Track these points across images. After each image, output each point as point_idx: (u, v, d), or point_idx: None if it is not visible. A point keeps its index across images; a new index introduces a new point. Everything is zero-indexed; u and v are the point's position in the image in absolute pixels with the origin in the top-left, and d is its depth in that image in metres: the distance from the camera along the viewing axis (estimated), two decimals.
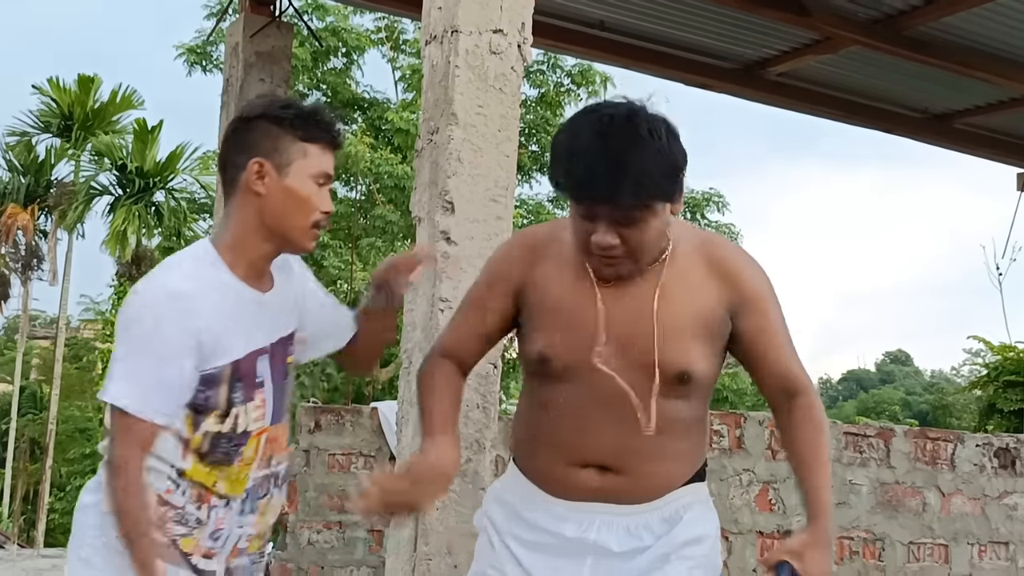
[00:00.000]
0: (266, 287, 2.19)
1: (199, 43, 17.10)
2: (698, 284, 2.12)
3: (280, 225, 2.12)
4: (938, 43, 5.88)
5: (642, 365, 2.07)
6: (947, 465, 5.26)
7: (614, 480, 2.11)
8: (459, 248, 3.09)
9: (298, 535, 5.69)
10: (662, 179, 1.96)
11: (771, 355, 2.15)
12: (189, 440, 2.07)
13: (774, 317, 2.17)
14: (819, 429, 2.15)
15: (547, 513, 2.15)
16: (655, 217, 1.99)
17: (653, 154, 1.93)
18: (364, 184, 17.62)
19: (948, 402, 31.45)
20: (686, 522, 2.13)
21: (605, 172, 1.93)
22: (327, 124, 2.17)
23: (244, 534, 2.18)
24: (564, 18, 5.95)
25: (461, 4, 3.13)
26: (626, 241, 1.99)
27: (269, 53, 5.51)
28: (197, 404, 2.06)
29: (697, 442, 2.20)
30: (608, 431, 2.09)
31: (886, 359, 60.80)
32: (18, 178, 21.78)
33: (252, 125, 2.14)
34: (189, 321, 2.01)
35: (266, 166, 2.10)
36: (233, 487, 2.14)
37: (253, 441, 2.14)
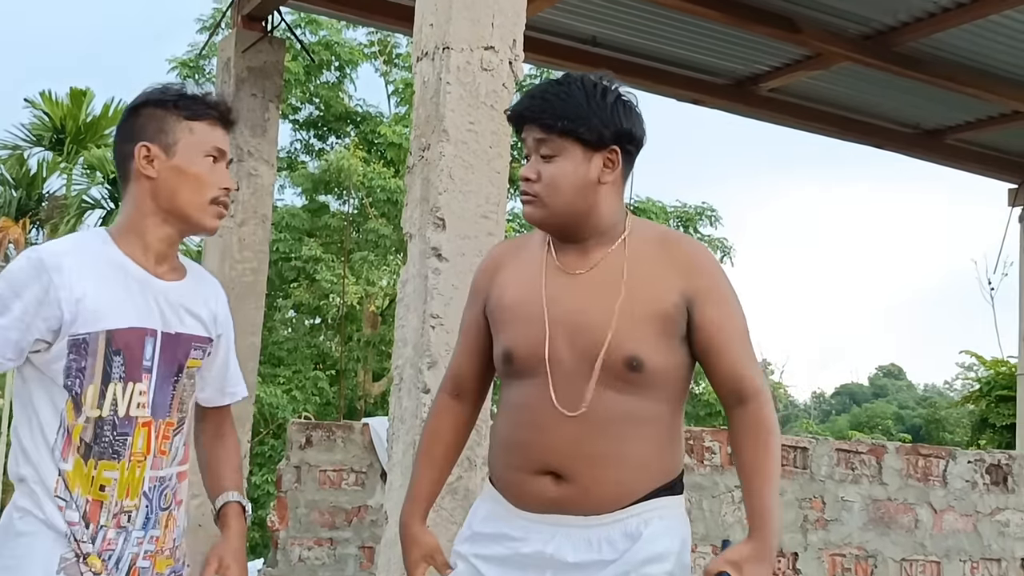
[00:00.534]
0: (168, 275, 2.16)
1: (191, 57, 17.10)
2: (654, 272, 2.14)
3: (174, 205, 2.12)
4: (929, 59, 5.90)
5: (592, 353, 2.08)
6: (939, 482, 5.25)
7: (568, 489, 2.09)
8: (450, 264, 3.09)
9: (289, 552, 5.65)
10: (580, 119, 2.11)
11: (725, 354, 2.13)
12: (71, 431, 2.02)
13: (732, 314, 2.16)
14: (765, 437, 2.11)
15: (508, 526, 2.15)
16: (568, 158, 2.12)
17: (579, 96, 2.12)
18: (357, 198, 17.62)
19: (941, 416, 31.48)
20: (646, 538, 2.08)
21: (531, 98, 2.16)
22: (212, 101, 2.16)
23: (143, 551, 2.10)
24: (556, 34, 5.97)
25: (452, 21, 3.13)
26: (541, 177, 2.13)
27: (261, 68, 5.51)
28: (70, 380, 2.01)
29: (660, 448, 2.14)
30: (559, 431, 2.08)
31: (879, 373, 60.84)
32: (10, 192, 21.71)
33: (137, 113, 2.14)
34: (44, 279, 1.99)
35: (153, 149, 2.10)
36: (130, 490, 2.06)
37: (140, 431, 2.07)
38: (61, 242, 2.12)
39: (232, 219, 5.39)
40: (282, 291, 17.76)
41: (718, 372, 2.14)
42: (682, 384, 2.17)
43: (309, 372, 17.67)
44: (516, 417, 2.17)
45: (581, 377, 2.08)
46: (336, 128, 18.78)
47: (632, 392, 2.08)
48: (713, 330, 2.12)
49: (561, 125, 2.10)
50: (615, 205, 2.19)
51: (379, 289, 17.83)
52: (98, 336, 2.02)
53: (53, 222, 20.18)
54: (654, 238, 2.20)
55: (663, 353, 2.10)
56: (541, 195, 2.14)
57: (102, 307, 2.03)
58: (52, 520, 2.00)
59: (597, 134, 2.11)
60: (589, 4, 5.56)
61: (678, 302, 2.11)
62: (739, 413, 2.13)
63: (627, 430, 2.09)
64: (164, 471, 2.14)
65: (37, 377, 2.04)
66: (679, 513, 2.18)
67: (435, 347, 3.04)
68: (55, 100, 21.63)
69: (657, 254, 2.16)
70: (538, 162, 2.15)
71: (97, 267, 2.06)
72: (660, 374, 2.10)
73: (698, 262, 2.17)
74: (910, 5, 5.33)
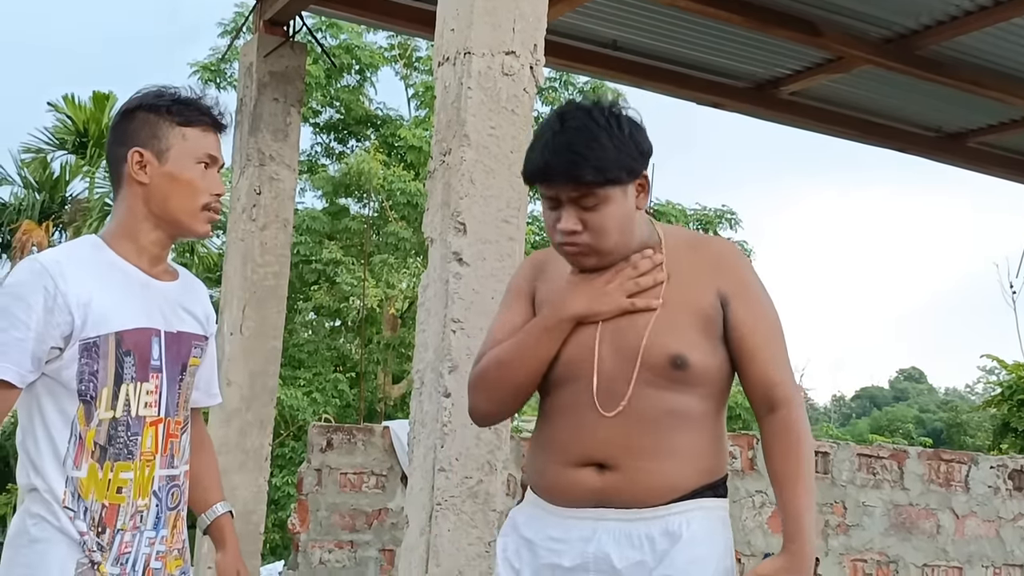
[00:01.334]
0: (163, 276, 2.18)
1: (213, 61, 17.18)
2: (690, 273, 2.13)
3: (166, 210, 2.13)
4: (951, 62, 5.87)
5: (633, 355, 2.07)
6: (961, 487, 5.22)
7: (611, 478, 2.07)
8: (471, 269, 3.10)
9: (309, 554, 5.68)
10: (614, 165, 2.05)
11: (756, 358, 2.11)
12: (84, 437, 2.02)
13: (764, 315, 2.14)
14: (797, 444, 2.08)
15: (548, 535, 2.13)
16: (612, 202, 2.08)
17: (604, 138, 2.05)
18: (377, 201, 17.66)
19: (962, 420, 31.30)
20: (686, 541, 2.05)
21: (557, 154, 2.06)
22: (205, 107, 2.17)
23: (155, 552, 2.12)
24: (577, 38, 5.97)
25: (474, 26, 3.14)
26: (587, 227, 2.08)
27: (283, 73, 5.53)
28: (84, 384, 2.02)
29: (704, 445, 2.11)
30: (603, 425, 2.07)
31: (900, 376, 60.53)
32: (33, 195, 21.86)
33: (131, 117, 2.15)
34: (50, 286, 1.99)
35: (146, 154, 2.11)
36: (142, 490, 2.08)
37: (149, 430, 2.09)
38: (57, 250, 2.14)
39: (254, 223, 5.42)
40: (302, 294, 17.81)
41: (749, 376, 2.12)
42: (724, 385, 2.15)
43: (329, 374, 17.71)
44: (558, 421, 2.15)
45: (620, 378, 2.08)
46: (356, 131, 18.84)
47: (675, 390, 2.07)
48: (745, 331, 2.11)
49: (603, 178, 2.06)
50: (645, 220, 2.20)
51: (399, 292, 17.86)
52: (108, 338, 2.04)
53: (76, 225, 20.30)
54: (685, 241, 2.21)
55: (706, 353, 2.09)
56: (591, 243, 2.11)
57: (109, 309, 2.04)
58: (66, 527, 2.01)
59: (631, 171, 2.10)
60: (610, 8, 5.56)
61: (714, 301, 2.11)
62: (770, 420, 2.11)
63: (671, 424, 2.07)
64: (174, 470, 2.16)
65: (46, 386, 2.04)
66: (722, 516, 2.15)
67: (456, 351, 3.05)
68: (78, 104, 21.78)
69: (690, 256, 2.16)
70: (577, 212, 2.09)
71: (97, 271, 2.08)
72: (704, 372, 2.09)
73: (729, 261, 2.16)
74: (932, 8, 5.30)
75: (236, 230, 5.49)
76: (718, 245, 2.22)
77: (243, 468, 5.27)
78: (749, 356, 2.11)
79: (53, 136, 22.07)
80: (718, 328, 2.11)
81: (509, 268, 3.14)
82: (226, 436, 5.27)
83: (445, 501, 3.00)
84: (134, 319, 2.08)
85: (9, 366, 1.98)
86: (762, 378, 2.11)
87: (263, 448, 5.37)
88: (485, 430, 3.04)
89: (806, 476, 2.07)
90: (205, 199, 2.15)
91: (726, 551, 2.13)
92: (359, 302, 17.20)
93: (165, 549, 2.14)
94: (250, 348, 5.35)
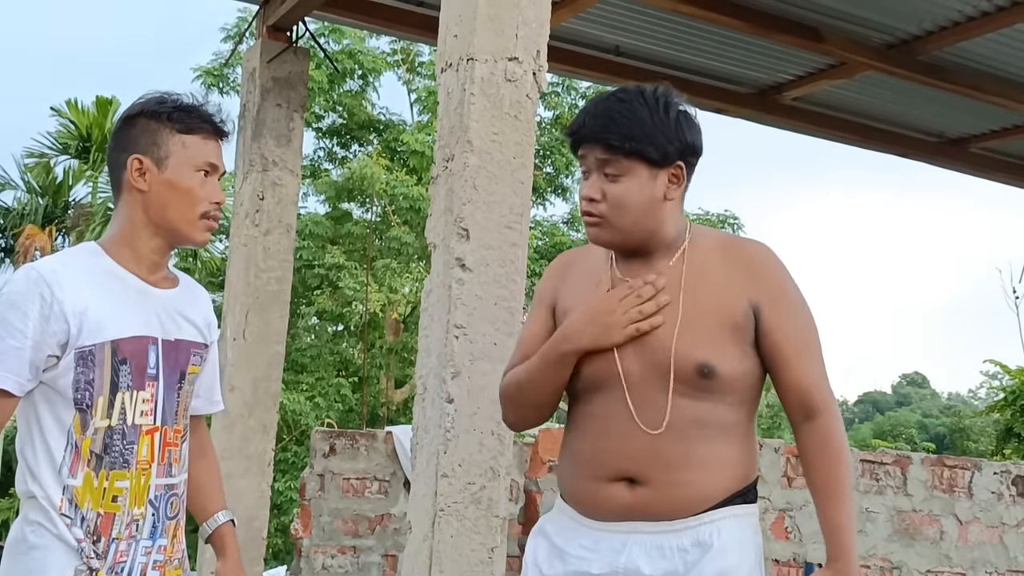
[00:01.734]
0: (162, 283, 2.17)
1: (216, 66, 17.21)
2: (720, 278, 2.09)
3: (165, 218, 2.12)
4: (953, 68, 5.87)
5: (660, 364, 2.04)
6: (965, 493, 5.21)
7: (643, 493, 2.04)
8: (474, 275, 3.09)
9: (312, 560, 5.68)
10: (646, 138, 2.05)
11: (792, 366, 2.07)
12: (80, 445, 2.01)
13: (801, 321, 2.10)
14: (836, 456, 2.05)
15: (578, 544, 2.11)
16: (635, 178, 2.07)
17: (643, 113, 2.06)
18: (379, 205, 17.68)
19: (965, 425, 31.28)
20: (717, 549, 2.02)
21: (594, 116, 2.10)
22: (207, 114, 2.15)
23: (152, 562, 2.10)
24: (579, 43, 5.97)
25: (477, 32, 3.14)
26: (607, 197, 2.08)
27: (286, 79, 5.54)
28: (80, 393, 2.01)
29: (735, 453, 2.08)
30: (632, 437, 2.04)
31: (902, 381, 60.50)
32: (36, 199, 21.90)
33: (132, 123, 2.14)
34: (47, 294, 1.98)
35: (145, 162, 2.10)
36: (137, 498, 2.07)
37: (145, 439, 2.08)
38: (54, 258, 2.13)
39: (257, 228, 5.42)
40: (305, 298, 17.84)
41: (784, 384, 2.08)
42: (754, 391, 2.12)
43: (332, 379, 17.74)
44: (590, 429, 2.13)
45: (653, 388, 2.05)
46: (359, 136, 18.88)
47: (705, 399, 2.04)
48: (779, 338, 2.07)
49: (628, 145, 2.05)
50: (678, 218, 2.16)
51: (401, 296, 17.88)
52: (104, 346, 2.02)
53: (79, 229, 20.33)
54: (716, 244, 2.17)
55: (734, 359, 2.05)
56: (607, 215, 2.09)
57: (105, 318, 2.03)
58: (64, 534, 2.00)
59: (663, 152, 2.07)
60: (612, 14, 5.56)
61: (746, 309, 2.06)
62: (806, 429, 2.07)
63: (702, 434, 2.04)
64: (172, 479, 2.15)
65: (43, 394, 2.03)
66: (752, 523, 2.12)
67: (459, 357, 3.05)
68: (81, 109, 21.83)
69: (721, 261, 2.12)
70: (601, 181, 2.09)
71: (94, 278, 2.06)
72: (733, 380, 2.05)
73: (763, 266, 2.12)
74: (935, 14, 5.30)
75: (239, 235, 5.50)
76: (752, 249, 2.16)
77: (246, 473, 5.27)
78: (784, 363, 2.07)
79: (56, 141, 22.12)
80: (748, 334, 2.07)
81: (512, 274, 3.14)
82: (229, 441, 5.27)
83: (448, 507, 3.00)
84: (130, 327, 2.06)
85: (7, 375, 1.97)
86: (797, 385, 2.07)
87: (266, 453, 5.37)
88: (488, 436, 3.05)
89: (847, 489, 2.04)
90: (204, 207, 2.13)
91: (757, 559, 2.10)
92: (362, 307, 17.22)
93: (164, 559, 2.13)
94: (253, 353, 5.36)
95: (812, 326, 2.12)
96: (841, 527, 2.01)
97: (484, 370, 3.07)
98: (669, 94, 2.11)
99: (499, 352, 3.08)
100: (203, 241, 2.19)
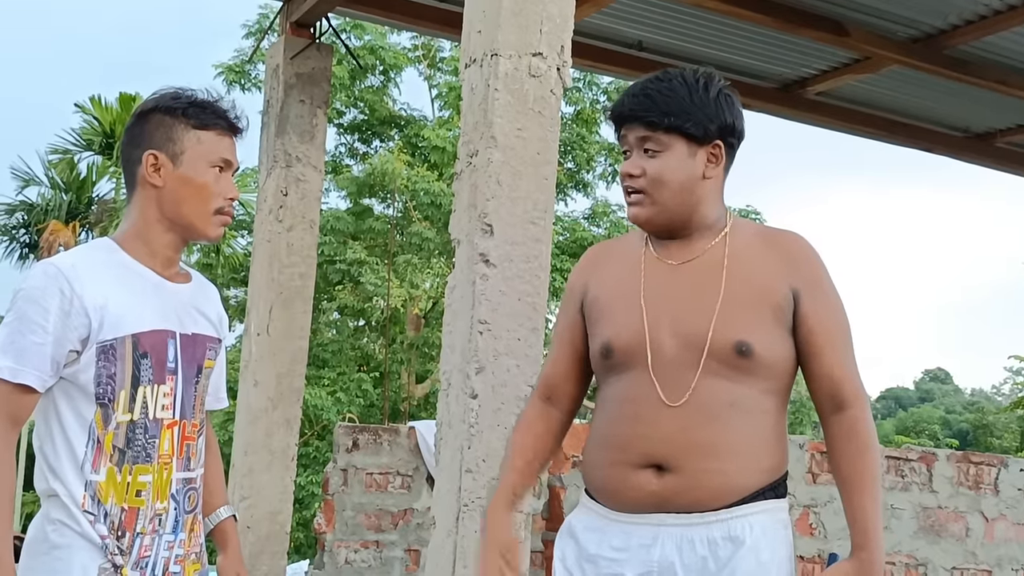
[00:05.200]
0: (176, 278, 2.17)
1: (238, 62, 17.27)
2: (759, 264, 2.09)
3: (179, 214, 2.11)
4: (978, 62, 5.83)
5: (698, 341, 2.03)
6: (991, 490, 5.18)
7: (672, 481, 2.02)
8: (498, 270, 3.10)
9: (335, 554, 5.70)
10: (684, 114, 2.08)
11: (824, 355, 2.06)
12: (102, 440, 2.01)
13: (836, 312, 2.10)
14: (864, 447, 2.03)
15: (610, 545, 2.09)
16: (674, 154, 2.09)
17: (683, 92, 2.10)
18: (400, 201, 17.71)
19: (989, 422, 31.10)
20: (749, 547, 2.00)
21: (633, 96, 2.13)
22: (222, 110, 2.15)
23: (174, 556, 2.10)
24: (602, 38, 5.96)
25: (501, 28, 3.14)
26: (646, 173, 2.10)
27: (309, 75, 5.55)
28: (101, 388, 2.01)
29: (766, 442, 2.06)
30: (663, 421, 2.03)
31: (925, 377, 60.15)
32: (60, 195, 22.04)
33: (146, 119, 2.13)
34: (66, 289, 1.98)
35: (160, 157, 2.09)
36: (160, 493, 2.07)
37: (166, 433, 2.08)
38: (71, 253, 2.13)
39: (280, 224, 5.44)
40: (327, 294, 17.89)
41: (815, 373, 2.08)
42: (788, 379, 2.11)
43: (353, 374, 17.80)
44: (616, 412, 2.12)
45: (685, 366, 2.04)
46: (380, 132, 18.90)
47: (739, 380, 2.03)
48: (813, 325, 2.06)
49: (667, 121, 2.07)
50: (717, 200, 2.16)
51: (423, 292, 17.91)
52: (125, 340, 2.02)
53: (102, 225, 20.46)
54: (756, 233, 2.18)
55: (772, 341, 2.05)
56: (647, 190, 2.11)
57: (125, 312, 2.03)
58: (87, 531, 2.00)
59: (702, 129, 2.09)
60: (635, 8, 5.55)
61: (786, 292, 2.06)
62: (835, 421, 2.06)
63: (733, 419, 2.03)
64: (191, 473, 2.15)
65: (63, 390, 2.03)
66: (783, 518, 2.10)
67: (482, 353, 3.05)
68: (105, 105, 21.94)
69: (761, 247, 2.13)
70: (641, 158, 2.11)
71: (112, 273, 2.06)
72: (769, 363, 2.04)
73: (803, 254, 2.12)
74: (960, 8, 5.26)
75: (263, 231, 5.52)
76: (792, 239, 2.16)
77: (269, 468, 5.30)
78: (817, 352, 2.07)
79: (80, 137, 22.25)
80: (787, 319, 2.06)
81: (536, 269, 3.14)
82: (253, 436, 5.30)
83: (472, 502, 3.01)
84: (150, 321, 2.06)
85: (30, 370, 1.97)
86: (828, 375, 2.07)
87: (289, 448, 5.39)
88: (511, 431, 3.05)
89: (874, 481, 2.04)
90: (218, 203, 2.13)
91: (788, 555, 2.08)
92: (383, 302, 17.27)
93: (183, 553, 2.13)
94: (276, 348, 5.37)
95: (846, 318, 2.12)
96: (866, 517, 2.00)
97: (508, 366, 3.07)
98: (711, 75, 2.14)
99: (523, 348, 3.09)
100: (216, 237, 2.19)
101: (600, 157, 18.46)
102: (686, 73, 2.13)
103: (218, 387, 2.34)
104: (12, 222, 22.51)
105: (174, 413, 2.10)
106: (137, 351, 2.03)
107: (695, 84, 2.11)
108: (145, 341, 2.05)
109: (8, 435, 1.97)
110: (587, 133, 18.00)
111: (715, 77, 2.14)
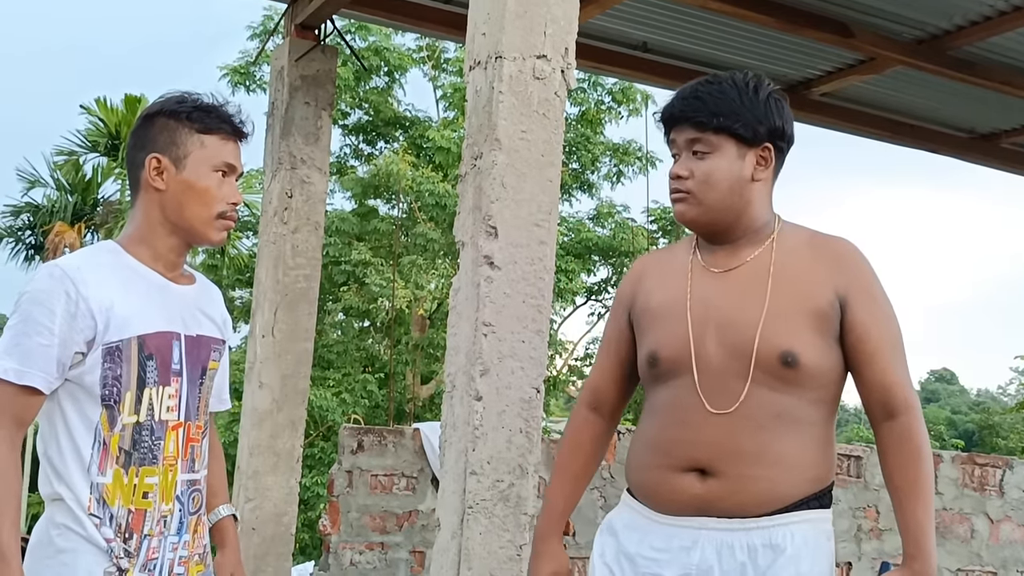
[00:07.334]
0: (180, 280, 2.18)
1: (243, 64, 17.28)
2: (806, 270, 2.08)
3: (182, 218, 2.12)
4: (984, 63, 5.82)
5: (744, 350, 2.02)
6: (996, 491, 5.18)
7: (714, 485, 2.01)
8: (502, 272, 3.10)
9: (340, 555, 5.70)
10: (734, 115, 2.08)
11: (875, 362, 2.05)
12: (108, 442, 2.01)
13: (887, 318, 2.08)
14: (916, 454, 2.01)
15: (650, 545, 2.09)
16: (722, 156, 2.09)
17: (732, 94, 2.10)
18: (405, 202, 17.71)
19: (994, 422, 31.03)
20: (790, 556, 1.98)
21: (683, 99, 2.15)
22: (226, 114, 2.15)
23: (178, 558, 2.11)
24: (607, 40, 5.96)
25: (505, 30, 3.14)
26: (694, 175, 2.10)
27: (314, 77, 5.56)
28: (107, 389, 2.01)
29: (812, 452, 2.05)
30: (709, 429, 2.02)
31: (931, 377, 60.02)
32: (65, 197, 22.05)
33: (151, 122, 2.13)
34: (72, 291, 1.98)
35: (163, 161, 2.10)
36: (165, 494, 2.07)
37: (171, 435, 2.08)
38: (76, 255, 2.14)
39: (285, 226, 5.45)
40: (332, 295, 17.89)
41: (866, 380, 2.07)
42: (836, 389, 2.09)
43: (358, 375, 17.80)
44: (662, 419, 2.12)
45: (732, 375, 2.03)
46: (385, 133, 18.91)
47: (786, 391, 2.02)
48: (863, 332, 2.05)
49: (716, 122, 2.08)
50: (766, 204, 2.16)
51: (427, 293, 17.91)
52: (130, 342, 2.03)
53: (108, 227, 20.47)
54: (804, 238, 2.16)
55: (818, 351, 2.03)
56: (694, 191, 2.11)
57: (130, 313, 2.04)
58: (92, 535, 2.00)
59: (752, 130, 2.09)
60: (640, 10, 5.55)
61: (832, 300, 2.05)
62: (887, 428, 2.05)
63: (779, 429, 2.01)
64: (195, 474, 2.16)
65: (68, 392, 2.03)
66: (826, 529, 2.09)
67: (487, 355, 3.05)
68: (110, 107, 21.96)
69: (808, 253, 2.11)
70: (690, 159, 2.12)
71: (117, 275, 2.07)
72: (815, 373, 2.03)
73: (851, 260, 2.11)
74: (965, 9, 5.26)
75: (267, 233, 5.52)
76: (840, 245, 2.15)
77: (275, 469, 5.30)
78: (867, 358, 2.05)
79: (85, 139, 22.27)
80: (834, 328, 2.05)
81: (540, 271, 3.14)
82: (258, 438, 5.30)
83: (476, 504, 3.01)
84: (155, 323, 2.07)
85: (36, 372, 1.98)
86: (880, 382, 2.05)
87: (295, 449, 5.39)
88: (516, 433, 3.05)
89: (926, 490, 2.02)
90: (221, 208, 2.13)
91: (829, 567, 2.06)
92: (388, 303, 17.26)
93: (188, 554, 2.14)
94: (281, 350, 5.38)
95: (896, 325, 2.10)
96: (919, 526, 1.98)
97: (512, 368, 3.07)
98: (760, 79, 2.15)
99: (527, 350, 3.09)
100: (219, 241, 2.19)
101: (605, 158, 18.45)
102: (736, 76, 2.14)
103: (221, 389, 2.34)
104: (18, 224, 22.54)
105: (179, 415, 2.11)
106: (143, 353, 2.04)
107: (745, 87, 2.12)
108: (151, 343, 2.05)
109: (13, 437, 1.98)
110: (592, 134, 17.99)
111: (765, 81, 2.15)
